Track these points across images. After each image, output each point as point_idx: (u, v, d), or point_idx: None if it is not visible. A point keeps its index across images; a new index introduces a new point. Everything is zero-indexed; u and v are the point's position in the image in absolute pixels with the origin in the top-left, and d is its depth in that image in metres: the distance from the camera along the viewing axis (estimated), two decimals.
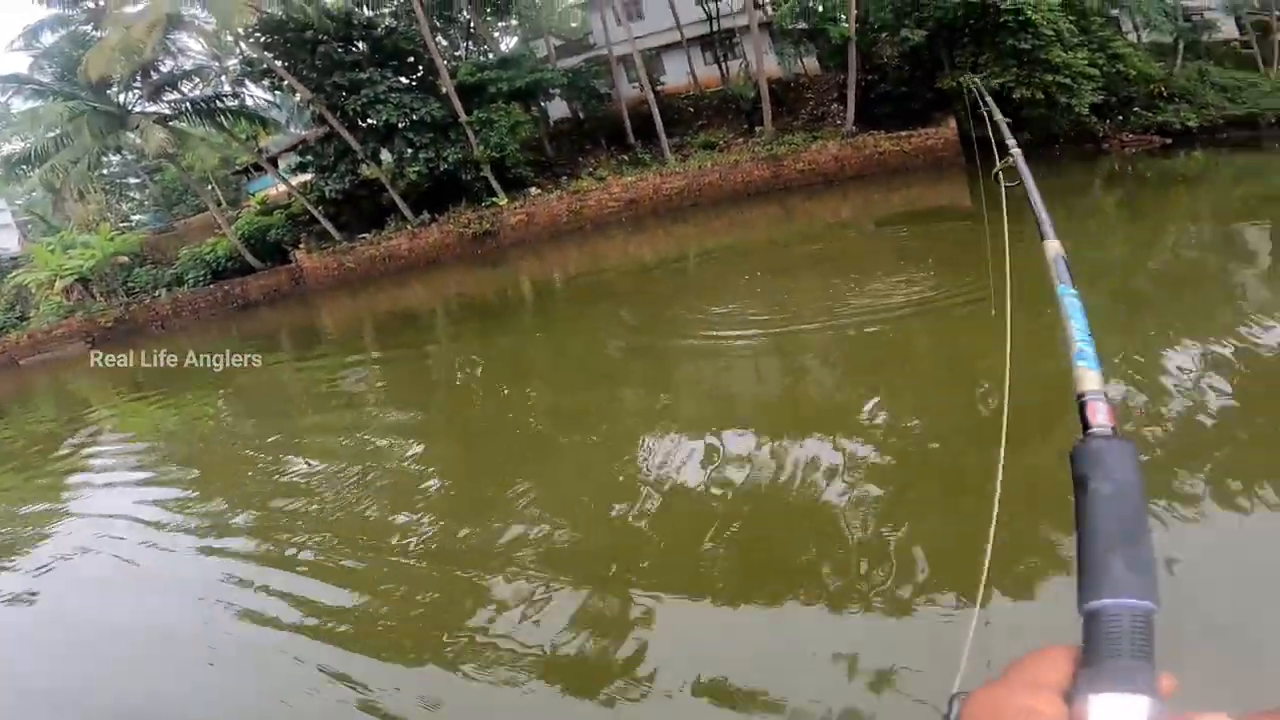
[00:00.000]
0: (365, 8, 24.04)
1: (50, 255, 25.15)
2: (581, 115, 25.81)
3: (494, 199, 22.30)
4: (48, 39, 23.71)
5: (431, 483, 5.78)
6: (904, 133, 20.24)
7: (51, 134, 23.24)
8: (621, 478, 5.01)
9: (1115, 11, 21.13)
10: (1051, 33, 17.62)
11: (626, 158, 23.18)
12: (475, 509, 4.99)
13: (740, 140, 22.32)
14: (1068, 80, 17.78)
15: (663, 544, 4.07)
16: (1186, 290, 7.00)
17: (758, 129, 22.21)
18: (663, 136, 22.24)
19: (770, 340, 7.55)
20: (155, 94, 23.79)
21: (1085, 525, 0.40)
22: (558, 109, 27.31)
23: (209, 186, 27.88)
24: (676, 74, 26.48)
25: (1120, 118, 20.02)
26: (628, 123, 23.66)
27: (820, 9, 22.66)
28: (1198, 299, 6.58)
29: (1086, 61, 17.95)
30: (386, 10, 24.88)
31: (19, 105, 26.01)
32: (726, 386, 6.61)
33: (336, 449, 6.92)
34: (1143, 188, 14.93)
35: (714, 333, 8.12)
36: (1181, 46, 21.18)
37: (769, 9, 25.62)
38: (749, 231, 16.63)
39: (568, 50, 28.59)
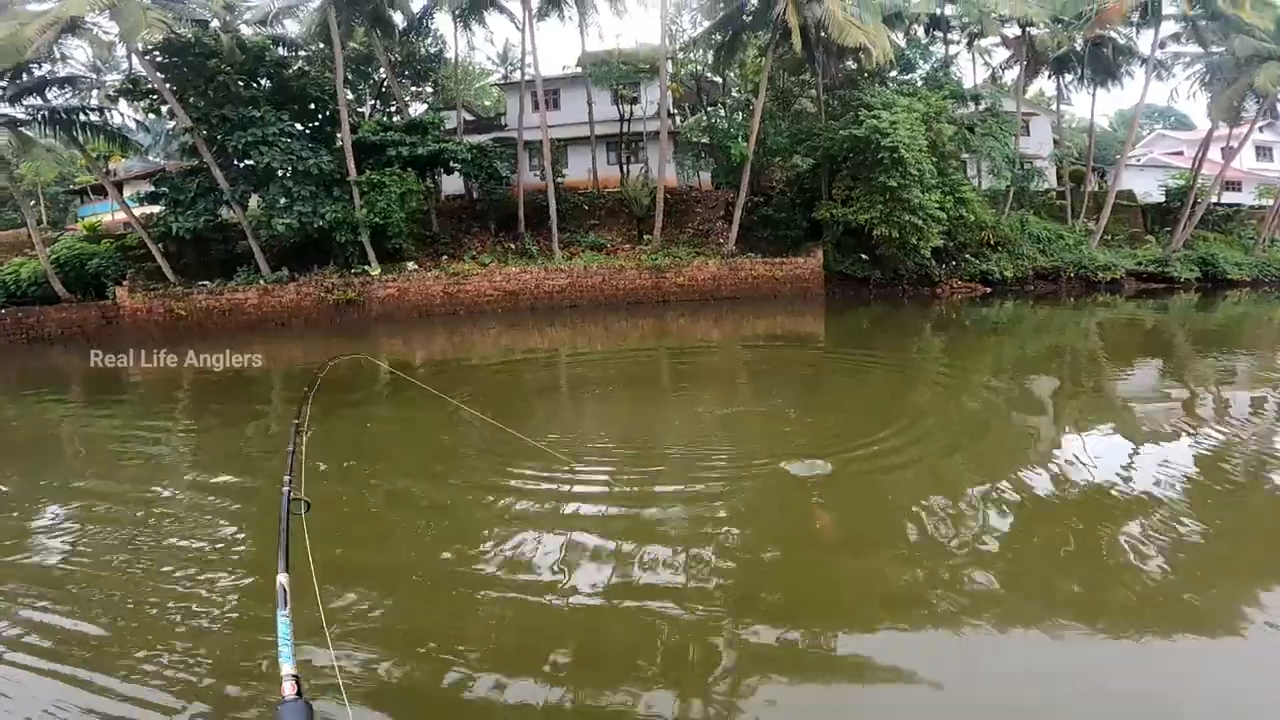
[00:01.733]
0: (282, 47, 21.98)
1: None
2: (475, 195, 24.51)
3: (366, 267, 20.13)
4: None
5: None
6: (778, 259, 20.56)
7: None
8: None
9: (966, 156, 23.05)
10: (916, 172, 18.62)
11: (514, 246, 21.92)
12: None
13: (628, 246, 21.82)
14: (920, 221, 18.80)
15: None
16: (982, 433, 7.19)
17: (646, 237, 21.85)
18: (554, 230, 21.29)
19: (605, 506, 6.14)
20: (17, 96, 20.18)
21: None
22: (451, 184, 25.92)
23: (33, 202, 23.60)
24: (578, 168, 26.00)
25: (954, 263, 21.57)
26: (521, 210, 22.58)
27: (725, 127, 23.25)
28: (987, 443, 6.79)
29: (938, 204, 19.13)
30: (303, 54, 22.96)
31: None
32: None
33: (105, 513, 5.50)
34: (963, 334, 15.63)
35: (541, 474, 6.52)
36: (1012, 194, 23.50)
37: (677, 120, 26.14)
38: (621, 343, 15.63)
39: (477, 127, 27.62)
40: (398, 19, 24.04)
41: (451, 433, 7.58)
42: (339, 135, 20.81)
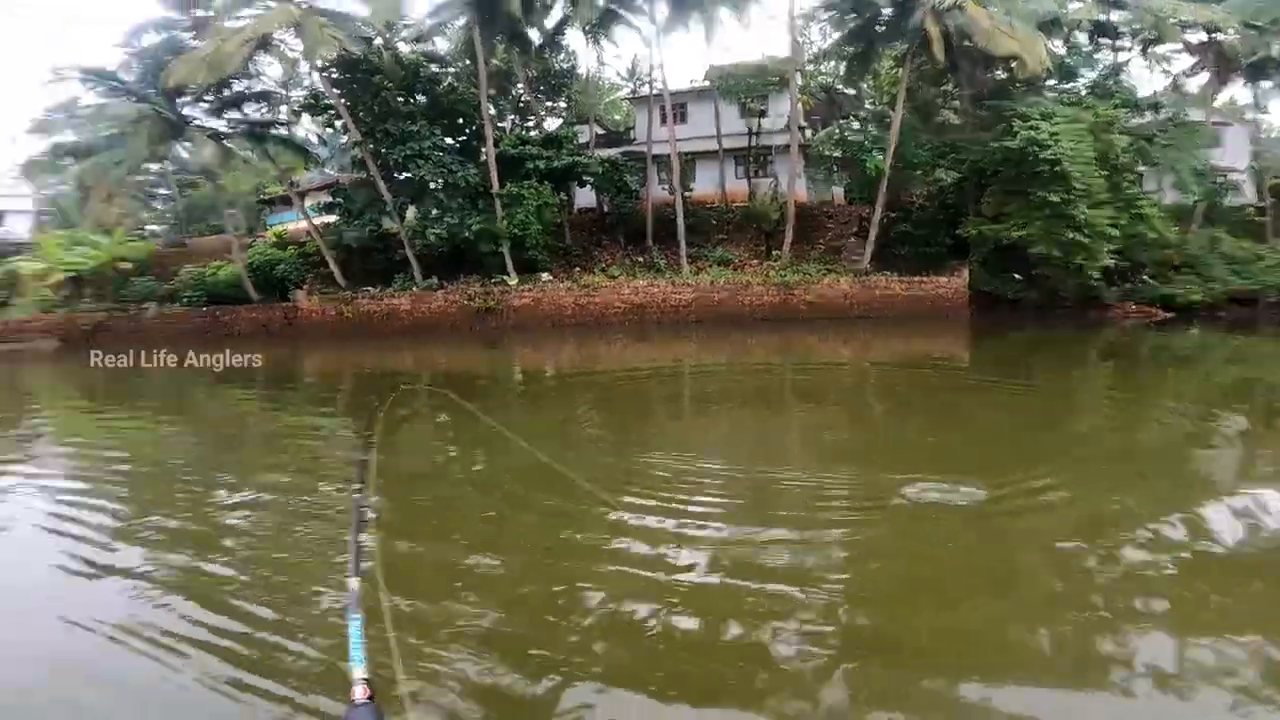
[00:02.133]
0: (433, 64, 23.85)
1: (56, 249, 24.00)
2: (606, 208, 25.16)
3: (504, 277, 21.24)
4: (148, 39, 23.02)
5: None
6: (917, 278, 19.40)
7: (107, 132, 22.46)
8: None
9: (1143, 169, 20.61)
10: (1082, 187, 16.92)
11: (642, 260, 22.26)
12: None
13: (755, 261, 21.50)
14: (1086, 239, 17.00)
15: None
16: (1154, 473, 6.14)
17: (775, 252, 21.43)
18: (683, 244, 21.40)
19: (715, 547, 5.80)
20: (220, 110, 23.25)
21: None
22: (583, 198, 26.78)
23: (233, 211, 27.08)
24: (706, 182, 25.97)
25: (1128, 285, 19.31)
26: (650, 224, 22.91)
27: (860, 140, 22.34)
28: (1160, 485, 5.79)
29: (1109, 221, 17.22)
30: (451, 70, 24.74)
31: (91, 99, 25.09)
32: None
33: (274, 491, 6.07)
34: (1137, 363, 13.83)
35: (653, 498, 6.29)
36: (1200, 210, 20.71)
37: (808, 133, 25.51)
38: (745, 358, 15.36)
39: (607, 141, 28.37)
40: (533, 35, 25.22)
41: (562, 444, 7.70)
42: (483, 149, 22.09)
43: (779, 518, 4.89)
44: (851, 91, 24.47)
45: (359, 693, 1.25)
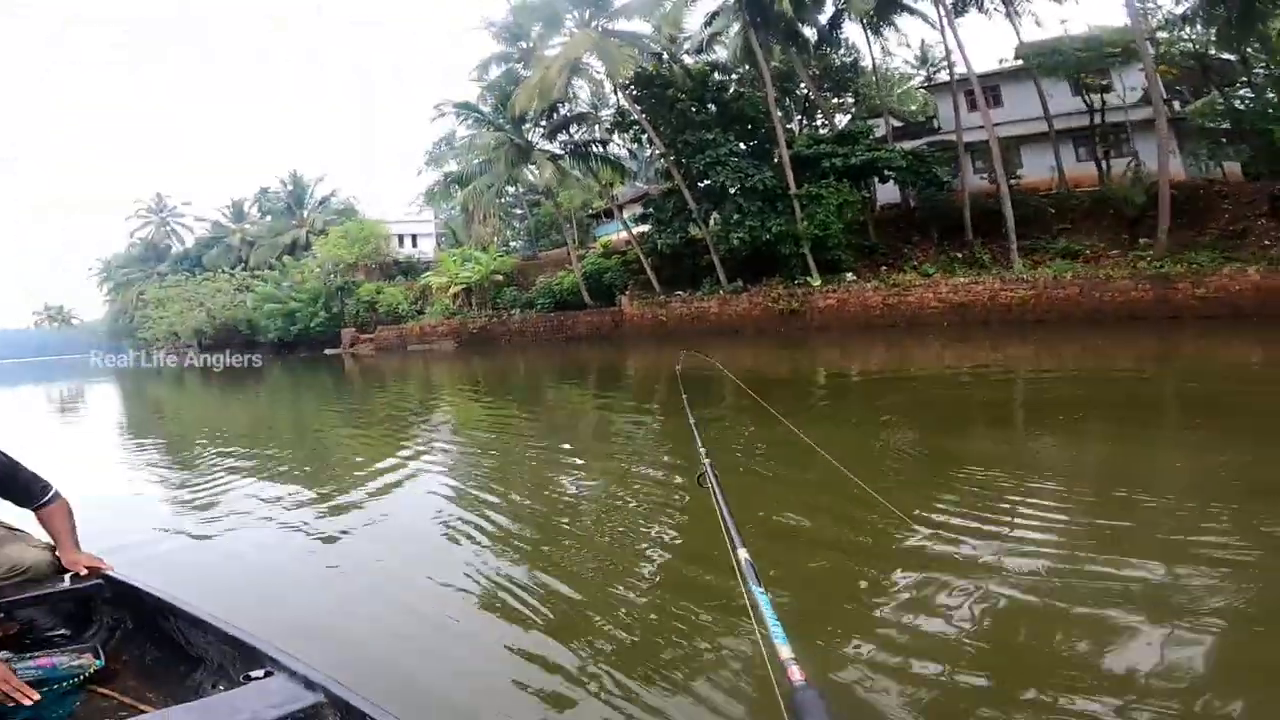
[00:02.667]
0: (718, 72, 24.91)
1: (453, 264, 30.68)
2: (913, 203, 23.38)
3: (808, 278, 21.13)
4: (493, 73, 27.11)
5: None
6: None
7: (479, 160, 27.83)
8: None
9: None
10: None
11: (961, 255, 20.17)
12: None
13: (1116, 252, 17.90)
14: None
15: None
16: None
17: (1142, 240, 17.60)
18: (1012, 236, 18.85)
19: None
20: (553, 133, 27.41)
21: None
22: (885, 194, 25.26)
23: (569, 225, 31.75)
24: (1036, 168, 22.49)
25: None
26: (968, 216, 20.62)
27: (1257, 108, 17.30)
28: None
29: None
30: (734, 77, 25.57)
31: (462, 131, 31.10)
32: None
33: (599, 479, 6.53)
34: None
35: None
36: None
37: (1176, 104, 20.54)
38: (1104, 364, 12.75)
39: (906, 133, 26.42)
40: (809, 33, 24.47)
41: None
42: (776, 151, 22.21)
43: (1128, 560, 3.71)
44: (1230, 56, 19.01)
45: (796, 673, 1.13)
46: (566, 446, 8.77)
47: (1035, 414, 9.02)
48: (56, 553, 2.69)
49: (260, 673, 1.78)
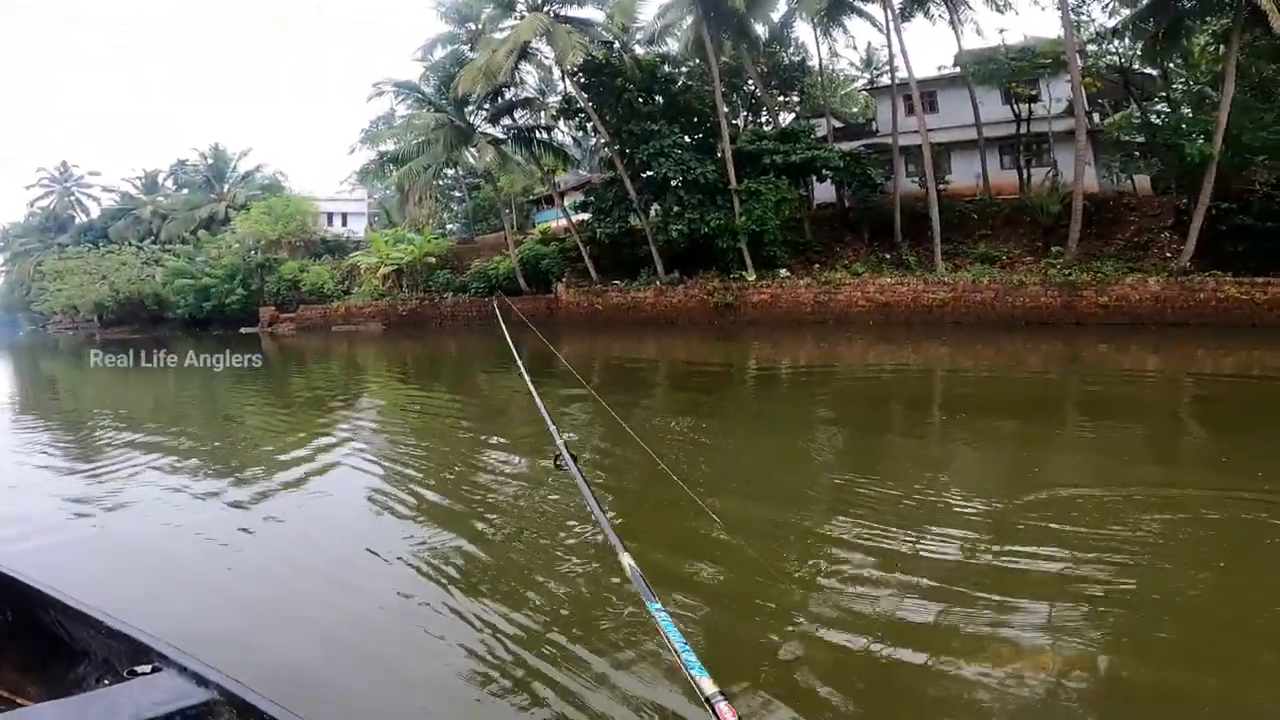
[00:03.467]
0: (666, 64, 24.87)
1: (384, 245, 29.55)
2: (848, 203, 23.97)
3: (743, 273, 21.35)
4: (438, 53, 26.62)
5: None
6: (1262, 279, 15.45)
7: (416, 140, 26.91)
8: None
9: None
10: None
11: (889, 256, 20.80)
12: None
13: (1030, 259, 18.84)
14: None
15: None
16: None
17: (1055, 249, 18.58)
18: (937, 240, 19.57)
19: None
20: (495, 117, 26.73)
21: None
22: (822, 193, 25.82)
23: (508, 210, 31.09)
24: (964, 174, 23.41)
25: None
26: (898, 219, 21.28)
27: (1172, 123, 18.51)
28: None
29: None
30: (684, 70, 25.59)
31: (402, 111, 30.02)
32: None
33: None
34: None
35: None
36: None
37: (1095, 117, 21.75)
38: (1012, 366, 13.41)
39: (845, 134, 27.07)
40: (760, 30, 24.84)
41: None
42: (720, 145, 22.39)
43: (1033, 565, 3.74)
44: (1152, 71, 20.34)
45: (709, 685, 0.87)
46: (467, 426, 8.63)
47: (946, 411, 9.46)
48: None
49: (147, 668, 1.70)
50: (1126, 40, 19.90)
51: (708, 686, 0.41)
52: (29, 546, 4.05)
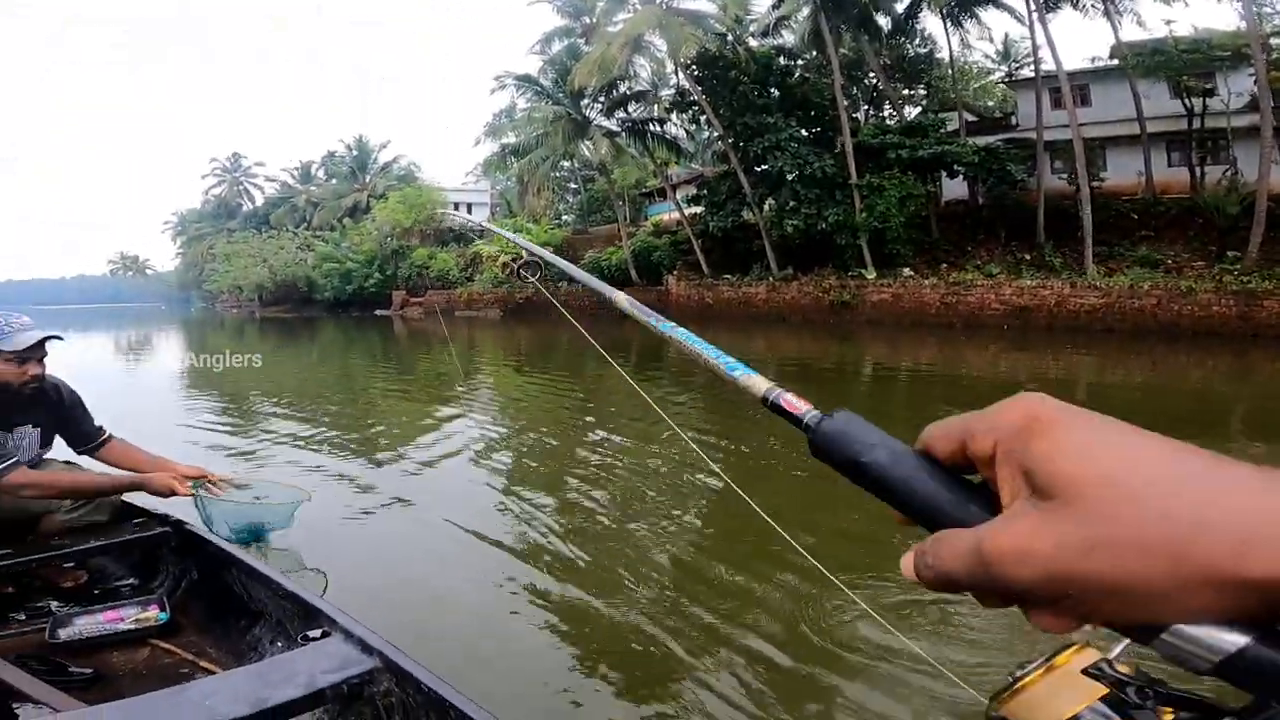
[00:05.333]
0: (782, 56, 24.20)
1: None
2: (981, 200, 22.31)
3: (862, 270, 20.45)
4: (555, 47, 27.36)
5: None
6: None
7: (535, 133, 27.95)
8: None
9: None
10: None
11: (1029, 257, 19.13)
12: None
13: (1200, 264, 16.70)
14: None
15: None
16: None
17: (1230, 254, 16.38)
18: (1089, 240, 17.76)
19: None
20: (610, 110, 27.19)
21: (896, 488, 0.32)
22: (952, 189, 24.19)
23: (621, 203, 31.57)
24: (1121, 172, 21.09)
25: None
26: (1041, 217, 19.56)
27: None
28: None
29: None
30: (800, 62, 24.80)
31: (522, 104, 31.27)
32: None
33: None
34: None
35: None
36: None
37: None
38: (1174, 381, 11.88)
39: (980, 128, 25.17)
40: (883, 21, 23.51)
41: None
42: (839, 139, 21.49)
43: None
44: None
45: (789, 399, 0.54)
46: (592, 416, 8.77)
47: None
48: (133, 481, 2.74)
49: (318, 633, 1.77)
50: None
51: (761, 384, 0.41)
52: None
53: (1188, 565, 0.22)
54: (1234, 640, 0.24)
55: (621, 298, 0.60)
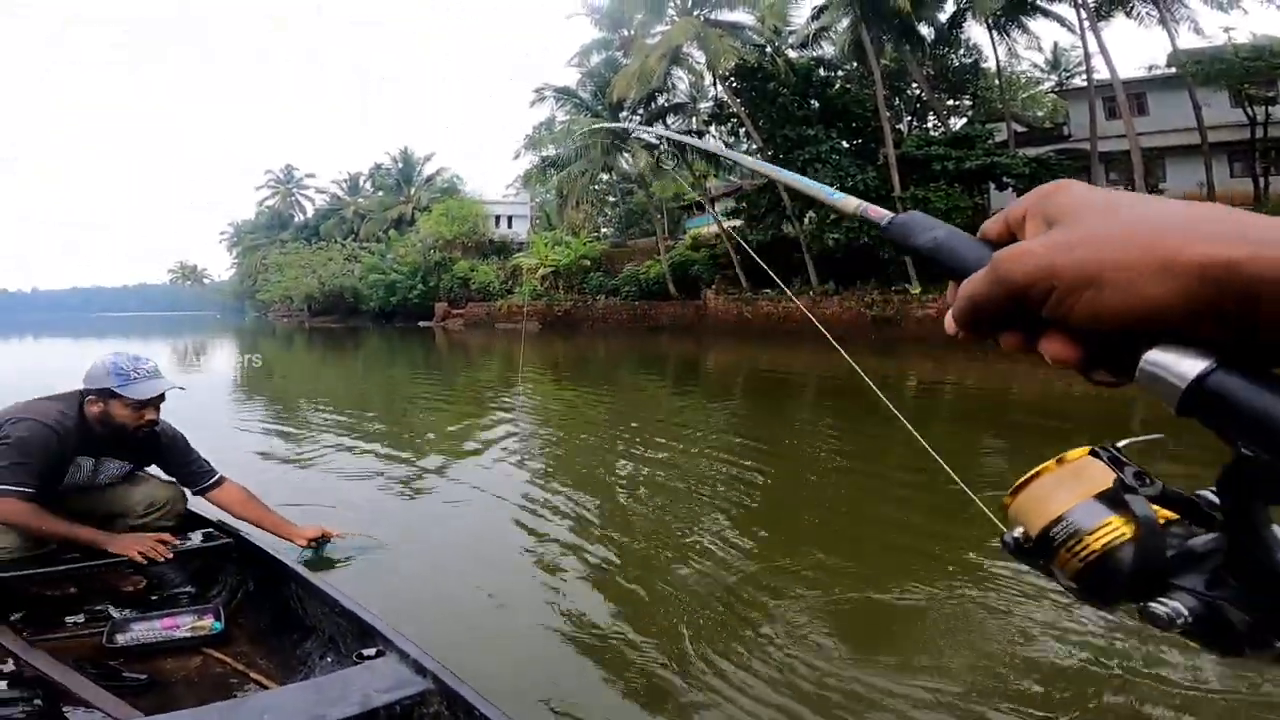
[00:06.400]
0: (822, 68, 23.97)
1: (543, 247, 31.28)
2: None
3: (906, 285, 20.05)
4: (594, 60, 27.51)
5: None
6: None
7: (575, 145, 28.14)
8: None
9: None
10: None
11: None
12: None
13: None
14: None
15: None
16: None
17: None
18: None
19: None
20: (649, 122, 27.31)
21: (951, 256, 0.38)
22: (1000, 201, 23.54)
23: (659, 215, 31.66)
24: (1180, 182, 20.32)
25: None
26: None
27: None
28: None
29: None
30: (841, 73, 24.53)
31: (561, 116, 31.50)
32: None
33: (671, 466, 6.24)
34: None
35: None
36: None
37: None
38: None
39: (1030, 139, 24.48)
40: (925, 31, 23.04)
41: None
42: (881, 151, 21.18)
43: None
44: None
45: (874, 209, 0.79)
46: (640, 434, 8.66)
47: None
48: (183, 489, 2.84)
49: (372, 651, 1.77)
50: None
51: (851, 203, 0.44)
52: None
53: (1147, 253, 0.27)
54: (1196, 364, 0.27)
55: (848, 198, 0.60)
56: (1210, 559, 0.32)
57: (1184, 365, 0.27)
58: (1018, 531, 0.38)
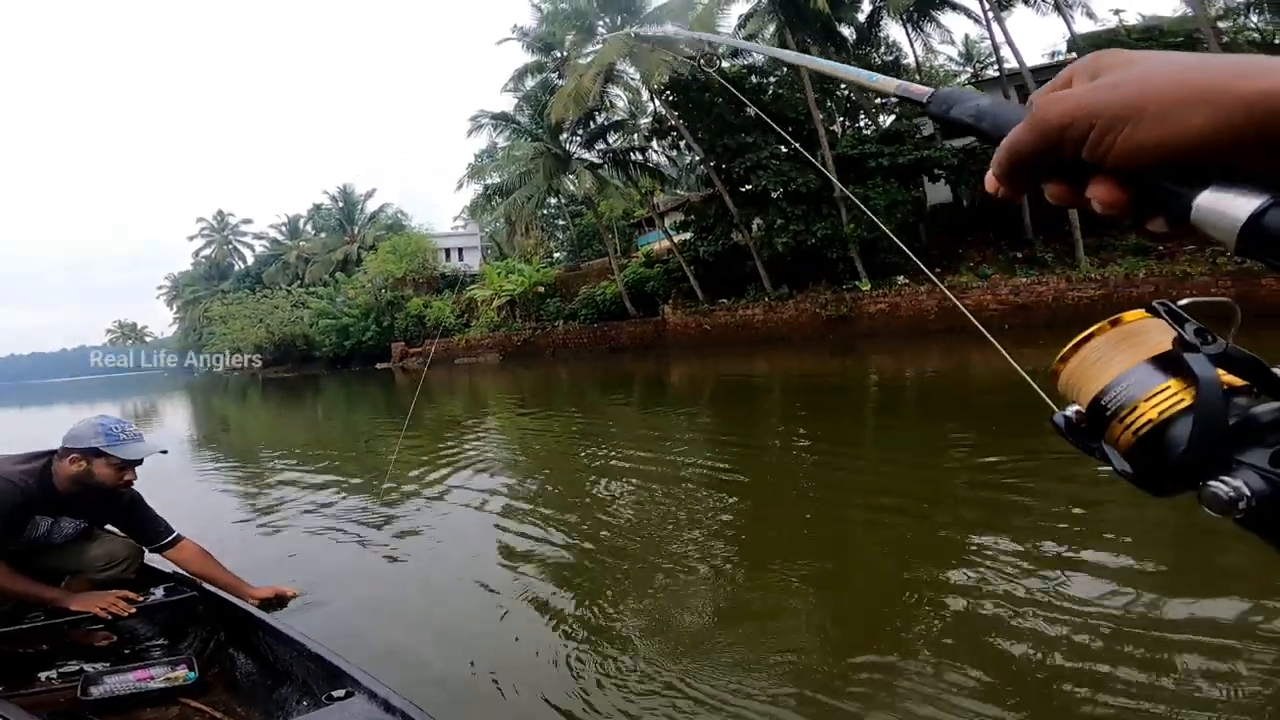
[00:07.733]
0: (755, 75, 24.45)
1: (496, 277, 30.96)
2: (966, 202, 22.41)
3: (857, 282, 20.44)
4: (529, 83, 27.38)
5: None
6: None
7: (518, 171, 28.04)
8: None
9: None
10: None
11: (1021, 255, 19.15)
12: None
13: (1193, 247, 16.67)
14: None
15: None
16: None
17: None
18: (1077, 233, 17.80)
19: None
20: (590, 142, 27.36)
21: (992, 124, 0.38)
22: (936, 194, 24.29)
23: (610, 235, 31.70)
24: None
25: None
26: (1027, 214, 19.63)
27: None
28: None
29: None
30: (773, 79, 25.06)
31: (501, 143, 31.37)
32: None
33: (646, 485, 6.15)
34: None
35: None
36: None
37: None
38: None
39: (954, 130, 25.34)
40: (847, 32, 23.87)
41: None
42: (819, 152, 21.58)
43: None
44: None
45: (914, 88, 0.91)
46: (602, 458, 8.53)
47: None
48: (142, 546, 2.87)
49: (341, 692, 1.80)
50: (1265, 13, 17.61)
51: (891, 83, 0.45)
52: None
53: (1190, 87, 0.27)
54: (1251, 201, 0.26)
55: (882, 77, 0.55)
56: (1278, 431, 0.29)
57: (1239, 203, 0.26)
58: (1070, 410, 0.34)
